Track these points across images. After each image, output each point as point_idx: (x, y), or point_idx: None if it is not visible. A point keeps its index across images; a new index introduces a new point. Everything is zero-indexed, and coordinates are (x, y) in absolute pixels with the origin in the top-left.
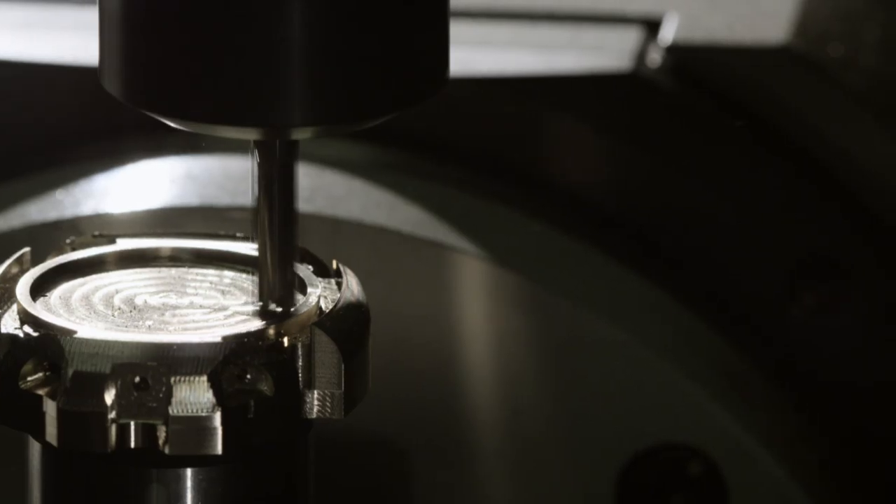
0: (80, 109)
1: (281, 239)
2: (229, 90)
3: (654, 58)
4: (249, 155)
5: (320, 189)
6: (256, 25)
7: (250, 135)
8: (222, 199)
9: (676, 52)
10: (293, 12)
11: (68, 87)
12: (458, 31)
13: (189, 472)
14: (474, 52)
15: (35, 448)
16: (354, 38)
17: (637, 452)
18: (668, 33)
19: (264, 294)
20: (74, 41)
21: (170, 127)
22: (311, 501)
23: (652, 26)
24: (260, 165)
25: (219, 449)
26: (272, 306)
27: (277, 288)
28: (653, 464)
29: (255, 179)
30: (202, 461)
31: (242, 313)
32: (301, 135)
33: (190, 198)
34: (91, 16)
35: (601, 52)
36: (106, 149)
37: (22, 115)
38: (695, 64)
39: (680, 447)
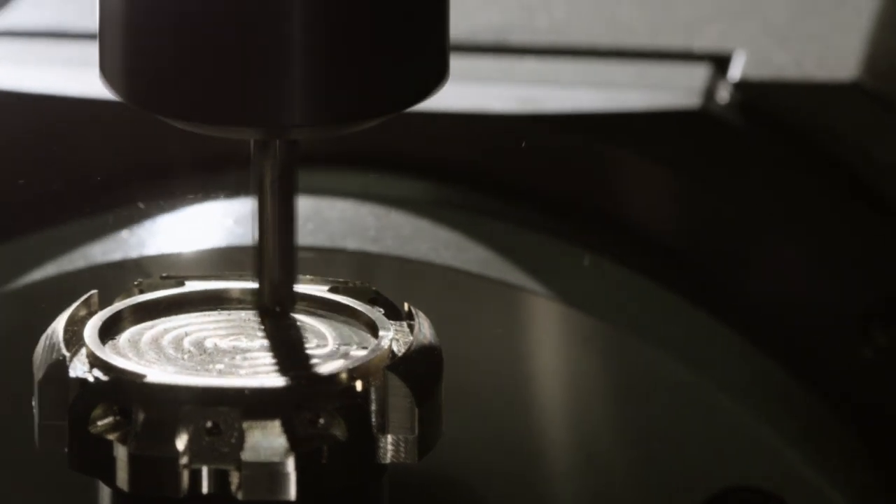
0: (145, 148)
1: (280, 239)
2: (229, 90)
3: (723, 94)
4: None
5: (388, 229)
6: (256, 26)
7: (250, 135)
8: None
9: (745, 88)
10: (293, 13)
11: (132, 124)
12: (524, 68)
13: None
14: (541, 90)
15: (105, 493)
16: (354, 39)
17: (710, 495)
18: (737, 70)
19: (264, 295)
20: None
21: (234, 166)
22: None
23: (720, 63)
24: (259, 165)
25: (292, 494)
26: (272, 307)
27: (277, 289)
28: None
29: (254, 178)
30: None
31: (314, 356)
32: (301, 134)
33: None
34: None
35: (669, 89)
36: (169, 188)
37: (85, 153)
38: (763, 101)
39: (753, 490)
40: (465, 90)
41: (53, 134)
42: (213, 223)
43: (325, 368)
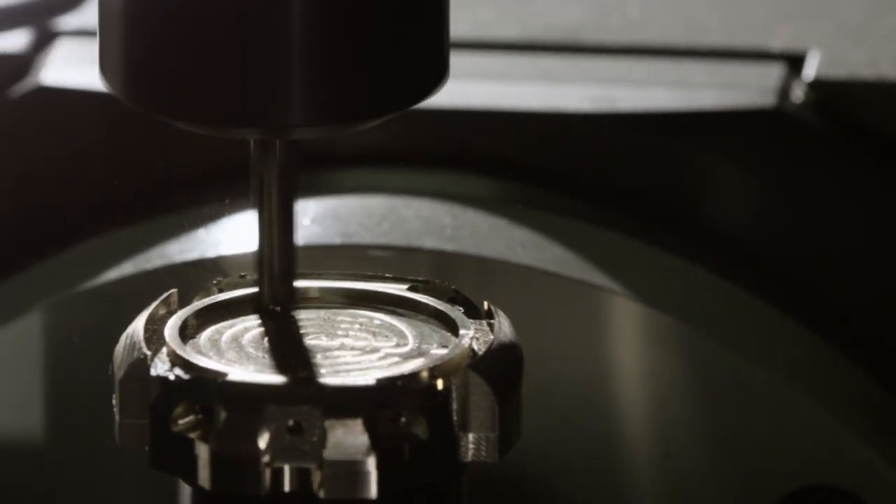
0: (221, 148)
1: (280, 238)
2: (229, 90)
3: (797, 94)
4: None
5: (464, 228)
6: (257, 26)
7: (250, 135)
8: (364, 237)
9: (819, 88)
10: (293, 13)
11: None
12: (598, 67)
13: None
14: (615, 89)
15: (186, 491)
16: (353, 39)
17: (788, 494)
18: (811, 69)
19: (264, 295)
20: None
21: (310, 167)
22: None
23: (794, 62)
24: (259, 165)
25: (373, 493)
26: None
27: (277, 289)
28: None
29: (254, 179)
30: None
31: (395, 355)
32: (301, 135)
33: (332, 237)
34: None
35: (743, 89)
36: (247, 188)
37: (163, 153)
38: (838, 100)
39: (830, 489)
40: (540, 90)
41: (128, 132)
42: None
43: (406, 367)
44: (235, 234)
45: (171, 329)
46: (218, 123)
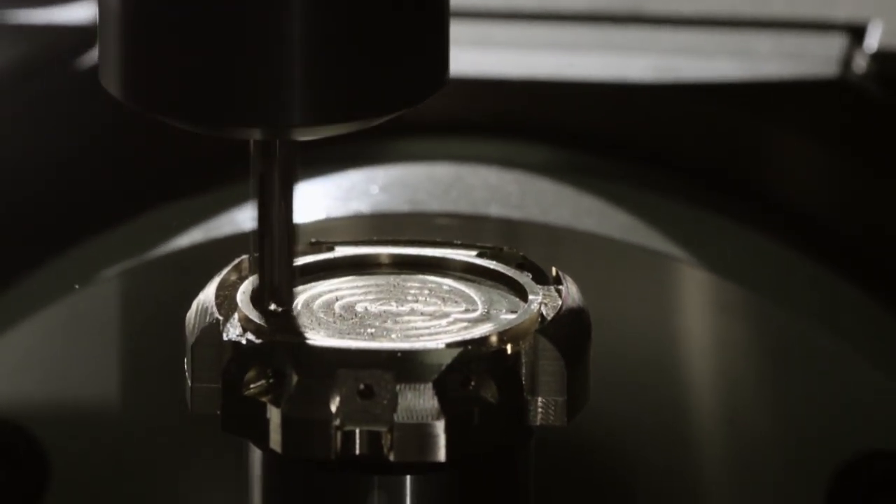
0: None
1: (280, 238)
2: (229, 90)
3: (860, 64)
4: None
5: (530, 195)
6: (256, 25)
7: (250, 135)
8: (431, 205)
9: (882, 58)
10: (293, 12)
11: None
12: (662, 38)
13: (411, 479)
14: (678, 59)
15: (257, 455)
16: (354, 39)
17: (849, 460)
18: (874, 40)
19: (265, 294)
20: None
21: (378, 135)
22: None
23: (856, 32)
24: (259, 165)
25: (442, 456)
26: (272, 304)
27: (278, 287)
28: (865, 472)
29: (255, 178)
30: (425, 468)
31: (464, 320)
32: (301, 134)
33: (400, 205)
34: None
35: (806, 59)
36: (316, 156)
37: None
38: None
39: (891, 454)
40: (604, 60)
41: None
42: (357, 190)
43: (475, 332)
44: (304, 202)
45: (242, 294)
46: (218, 123)
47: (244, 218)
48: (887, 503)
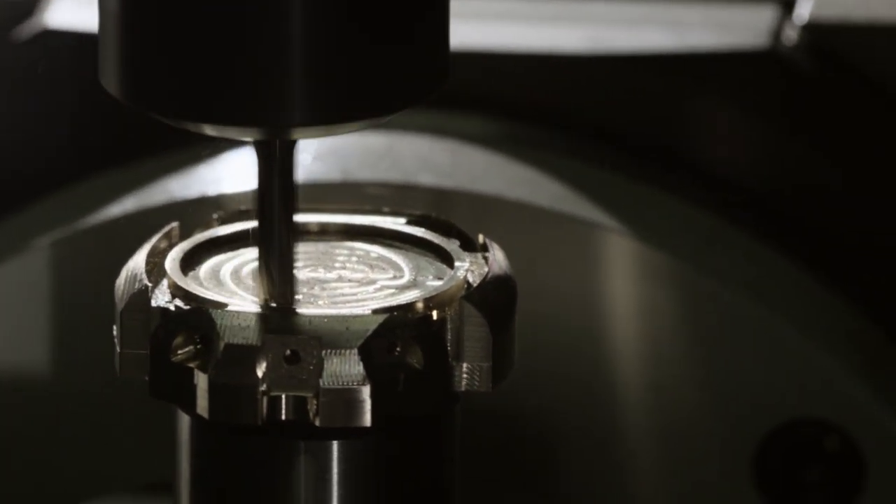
0: None
1: (280, 237)
2: (229, 90)
3: (790, 35)
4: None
5: (461, 165)
6: (256, 25)
7: (250, 135)
8: (363, 174)
9: (812, 29)
10: (293, 12)
11: None
12: (594, 10)
13: (337, 444)
14: (609, 30)
15: (184, 420)
16: (354, 38)
17: (775, 427)
18: (804, 10)
19: (265, 293)
20: None
21: None
22: (457, 474)
23: (787, 4)
24: (259, 165)
25: (368, 421)
26: (273, 303)
27: (278, 286)
28: (790, 439)
29: (255, 178)
30: (351, 433)
31: (391, 287)
32: (301, 135)
33: (332, 173)
34: None
35: (736, 30)
36: None
37: None
38: (831, 41)
39: (818, 423)
40: (537, 31)
41: None
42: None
43: (402, 298)
44: (236, 171)
45: (171, 261)
46: (218, 123)
47: (177, 187)
48: (812, 471)
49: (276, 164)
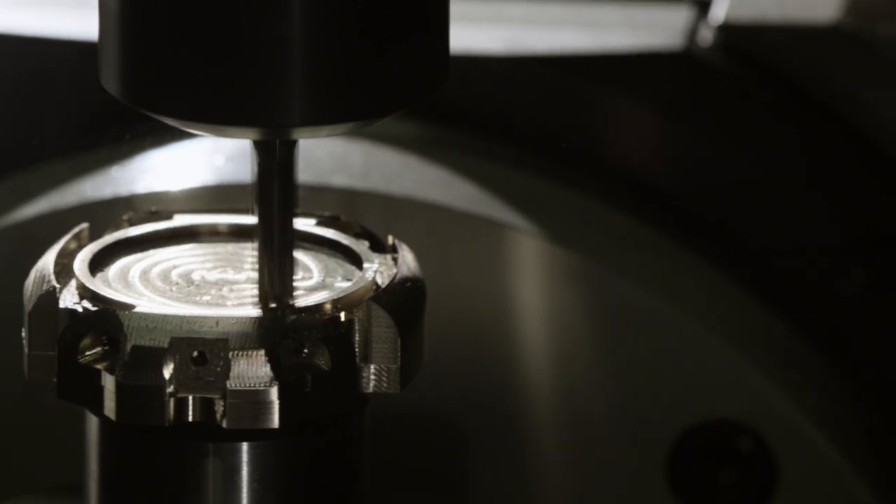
0: None
1: (280, 237)
2: (229, 90)
3: (706, 36)
4: (250, 150)
5: (375, 166)
6: (256, 26)
7: (250, 135)
8: None
9: (727, 30)
10: (293, 12)
11: None
12: (511, 11)
13: (245, 445)
14: (526, 31)
15: (93, 422)
16: (354, 39)
17: (688, 428)
18: (719, 12)
19: (265, 292)
20: None
21: None
22: (366, 476)
23: (703, 5)
24: (260, 165)
25: (276, 423)
26: (272, 303)
27: (278, 285)
28: (703, 439)
29: (255, 178)
30: (259, 435)
31: (299, 288)
32: (301, 135)
33: (245, 174)
34: None
35: (652, 31)
36: (161, 126)
37: (77, 91)
38: (746, 42)
39: (730, 423)
40: (453, 32)
41: (43, 73)
42: (203, 161)
43: (310, 299)
44: (148, 172)
45: (80, 262)
46: (218, 123)
47: (88, 188)
48: (726, 472)
49: (276, 164)
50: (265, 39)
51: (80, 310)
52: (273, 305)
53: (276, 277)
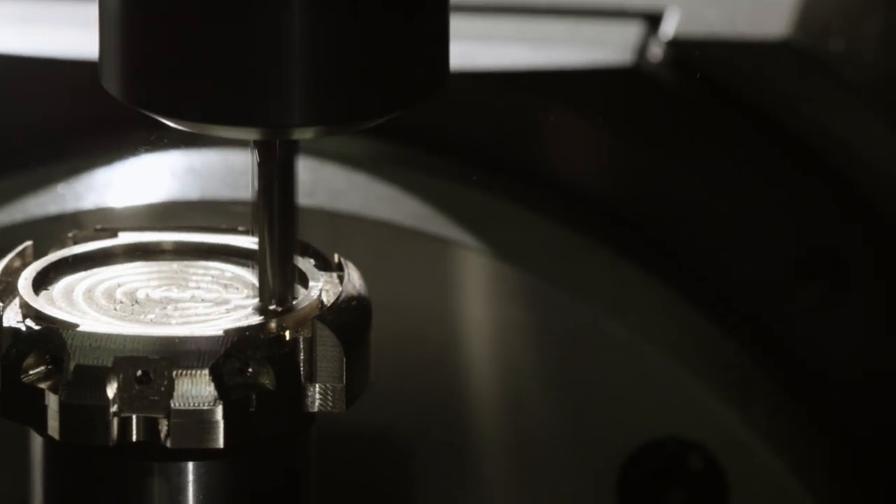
0: (81, 103)
1: (280, 238)
2: (229, 90)
3: (655, 52)
4: (250, 150)
5: (321, 183)
6: (256, 25)
7: (250, 135)
8: (223, 193)
9: (677, 46)
10: (293, 12)
11: (68, 81)
12: (459, 26)
13: (190, 465)
14: (475, 47)
15: (37, 442)
16: (354, 39)
17: (638, 447)
18: (669, 27)
19: (264, 293)
20: (73, 35)
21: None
22: (313, 495)
23: (653, 20)
24: (260, 165)
25: (220, 442)
26: (272, 304)
27: (277, 287)
28: (653, 458)
29: (255, 178)
30: (203, 455)
31: (244, 307)
32: (301, 135)
33: (191, 192)
34: (88, 11)
35: (602, 47)
36: (107, 143)
37: (23, 109)
38: (695, 58)
39: (680, 442)
40: None
41: None
42: (150, 178)
43: (254, 318)
44: (94, 190)
45: (24, 281)
46: (218, 123)
47: (33, 205)
48: (676, 491)
49: (276, 164)
50: (265, 39)
51: (23, 329)
52: (273, 307)
53: (275, 280)
